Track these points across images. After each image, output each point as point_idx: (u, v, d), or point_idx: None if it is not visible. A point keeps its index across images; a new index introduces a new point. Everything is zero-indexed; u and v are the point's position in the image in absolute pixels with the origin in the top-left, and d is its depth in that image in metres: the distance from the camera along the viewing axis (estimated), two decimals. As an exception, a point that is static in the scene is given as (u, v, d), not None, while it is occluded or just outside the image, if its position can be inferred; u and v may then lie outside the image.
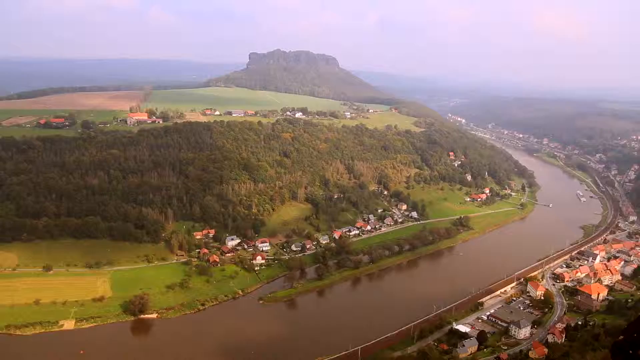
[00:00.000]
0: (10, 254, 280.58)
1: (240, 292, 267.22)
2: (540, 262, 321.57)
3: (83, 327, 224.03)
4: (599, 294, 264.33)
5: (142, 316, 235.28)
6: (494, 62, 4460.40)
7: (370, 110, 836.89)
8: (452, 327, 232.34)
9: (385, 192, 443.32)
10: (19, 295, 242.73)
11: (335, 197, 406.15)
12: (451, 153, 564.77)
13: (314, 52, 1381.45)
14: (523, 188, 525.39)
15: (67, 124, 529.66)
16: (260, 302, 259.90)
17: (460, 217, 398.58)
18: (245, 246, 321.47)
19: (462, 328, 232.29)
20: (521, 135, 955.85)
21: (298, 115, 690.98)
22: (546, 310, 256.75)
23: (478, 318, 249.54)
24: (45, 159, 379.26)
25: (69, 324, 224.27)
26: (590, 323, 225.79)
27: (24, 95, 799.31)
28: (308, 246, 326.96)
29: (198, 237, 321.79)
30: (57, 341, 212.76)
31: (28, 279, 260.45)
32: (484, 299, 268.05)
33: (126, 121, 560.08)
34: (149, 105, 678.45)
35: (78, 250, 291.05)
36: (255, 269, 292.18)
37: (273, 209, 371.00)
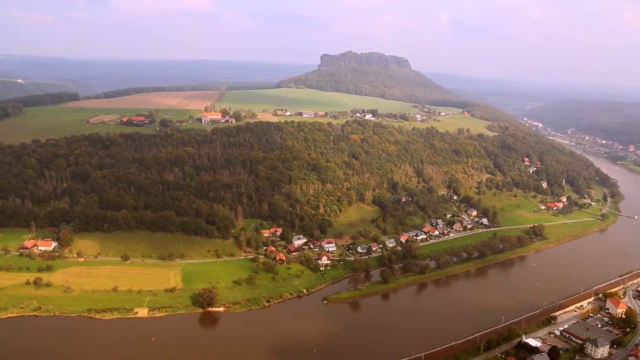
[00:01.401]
0: (93, 243, 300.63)
1: (305, 291, 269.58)
2: (622, 277, 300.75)
3: (155, 315, 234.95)
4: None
5: (209, 309, 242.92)
6: (574, 63, 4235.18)
7: (441, 113, 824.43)
8: (521, 340, 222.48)
9: (455, 197, 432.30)
10: (99, 281, 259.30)
11: (403, 200, 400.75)
12: (526, 159, 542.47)
13: (386, 54, 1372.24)
14: (604, 198, 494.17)
15: (146, 122, 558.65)
16: (325, 302, 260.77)
17: (534, 225, 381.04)
18: (312, 246, 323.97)
19: (533, 342, 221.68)
20: (604, 142, 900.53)
21: (368, 117, 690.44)
22: (628, 330, 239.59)
23: (550, 333, 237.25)
24: (126, 154, 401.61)
25: (142, 312, 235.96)
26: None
27: (110, 95, 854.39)
28: (374, 249, 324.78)
29: (266, 234, 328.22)
30: (131, 327, 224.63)
31: (107, 267, 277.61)
32: (557, 313, 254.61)
33: (201, 120, 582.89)
34: (223, 105, 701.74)
35: (153, 242, 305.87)
36: (321, 269, 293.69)
37: (340, 210, 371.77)
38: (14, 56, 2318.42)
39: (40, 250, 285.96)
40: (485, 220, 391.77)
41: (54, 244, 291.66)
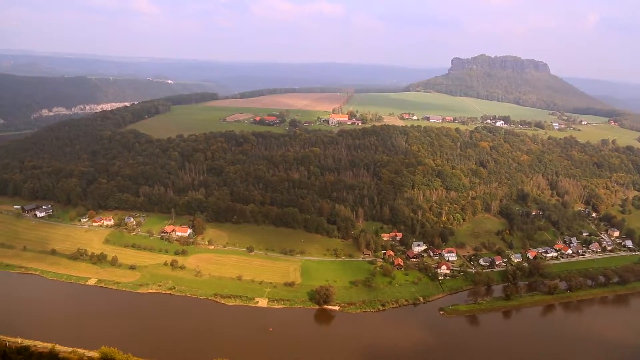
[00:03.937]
0: (223, 233, 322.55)
1: (421, 299, 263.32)
2: None
3: (274, 306, 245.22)
4: None
5: (325, 306, 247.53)
6: None
7: (583, 122, 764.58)
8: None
9: (594, 215, 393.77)
10: (226, 269, 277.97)
11: (533, 213, 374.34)
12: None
13: (522, 57, 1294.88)
14: None
15: (277, 121, 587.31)
16: (441, 312, 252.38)
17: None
18: (431, 253, 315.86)
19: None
20: None
21: (499, 123, 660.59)
22: None
23: None
24: (257, 152, 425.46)
25: (262, 302, 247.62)
26: None
27: (245, 95, 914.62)
28: (497, 262, 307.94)
29: (385, 238, 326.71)
30: (251, 315, 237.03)
31: (234, 256, 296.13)
32: None
33: (328, 121, 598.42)
34: (350, 108, 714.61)
35: (276, 237, 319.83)
36: (439, 278, 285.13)
37: (463, 219, 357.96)
38: (166, 59, 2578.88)
39: (177, 235, 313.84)
40: (629, 243, 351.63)
41: (189, 231, 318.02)
